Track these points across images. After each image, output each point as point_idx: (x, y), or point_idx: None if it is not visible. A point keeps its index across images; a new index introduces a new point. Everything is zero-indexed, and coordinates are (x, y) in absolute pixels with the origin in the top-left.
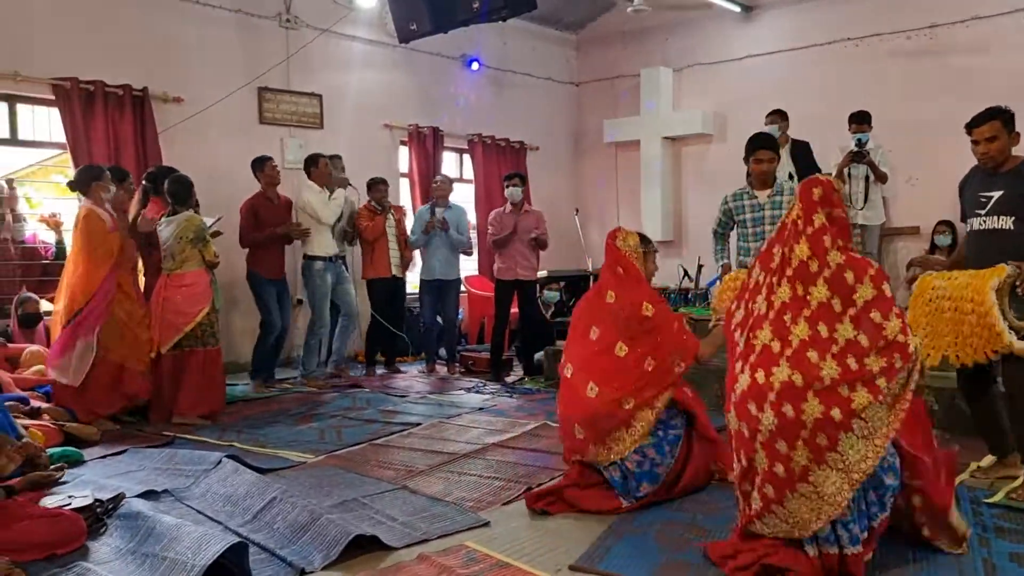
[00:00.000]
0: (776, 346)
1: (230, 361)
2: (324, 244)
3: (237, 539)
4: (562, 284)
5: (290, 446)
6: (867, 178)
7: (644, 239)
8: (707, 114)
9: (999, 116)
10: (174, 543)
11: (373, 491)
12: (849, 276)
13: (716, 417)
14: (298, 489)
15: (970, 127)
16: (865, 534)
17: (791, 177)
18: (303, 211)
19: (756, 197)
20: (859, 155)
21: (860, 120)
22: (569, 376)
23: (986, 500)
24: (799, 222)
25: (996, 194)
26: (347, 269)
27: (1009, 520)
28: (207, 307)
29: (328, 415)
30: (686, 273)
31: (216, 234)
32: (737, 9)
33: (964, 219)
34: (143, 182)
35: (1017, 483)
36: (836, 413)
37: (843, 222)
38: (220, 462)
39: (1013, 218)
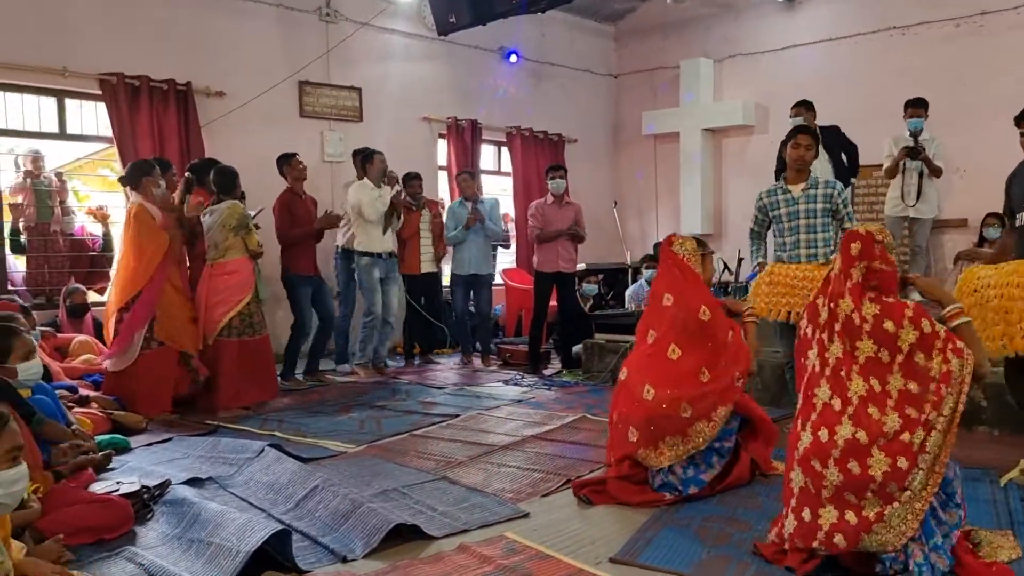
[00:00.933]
0: (837, 404)
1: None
2: (371, 240)
3: (280, 526)
4: (600, 277)
5: (330, 436)
6: (921, 173)
7: (701, 243)
8: (748, 105)
9: None
10: (219, 529)
11: (413, 481)
12: (889, 325)
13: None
14: (339, 478)
15: (1019, 120)
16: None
17: (833, 169)
18: (352, 207)
19: (790, 191)
20: (914, 151)
21: (916, 106)
22: (624, 379)
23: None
24: (841, 277)
25: None
26: (396, 269)
27: None
28: (248, 296)
29: (368, 406)
30: (726, 266)
31: (256, 226)
32: None
33: (1009, 214)
34: (187, 173)
35: None
36: (903, 462)
37: (884, 274)
38: (263, 451)
39: None
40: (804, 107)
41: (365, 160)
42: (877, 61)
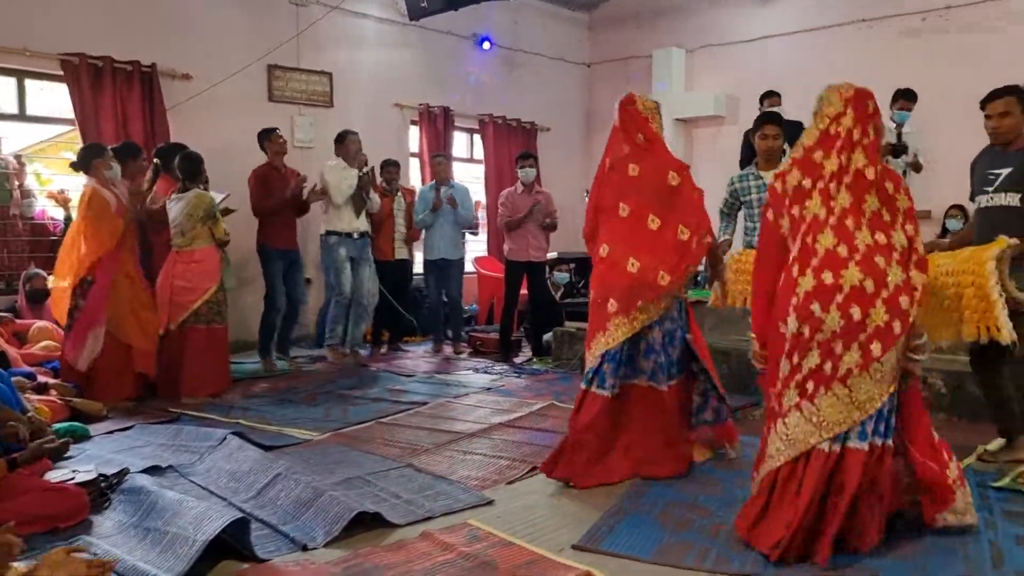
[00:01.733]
0: (843, 251)
1: (241, 340)
2: (339, 219)
3: (239, 515)
4: (572, 266)
5: (295, 424)
6: (905, 171)
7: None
8: (719, 96)
9: (1014, 93)
10: (176, 518)
11: (378, 469)
12: (889, 186)
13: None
14: (302, 466)
15: (984, 102)
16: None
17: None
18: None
19: (761, 177)
20: (898, 148)
21: (907, 98)
22: (606, 255)
23: (993, 484)
24: (854, 132)
25: (1005, 171)
26: (369, 250)
27: (1017, 503)
28: (215, 285)
29: (335, 393)
30: None
31: (227, 212)
32: None
33: (972, 198)
34: (153, 159)
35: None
36: (897, 325)
37: (881, 134)
38: (225, 439)
39: (1020, 195)
40: (776, 96)
41: (337, 139)
42: (846, 53)
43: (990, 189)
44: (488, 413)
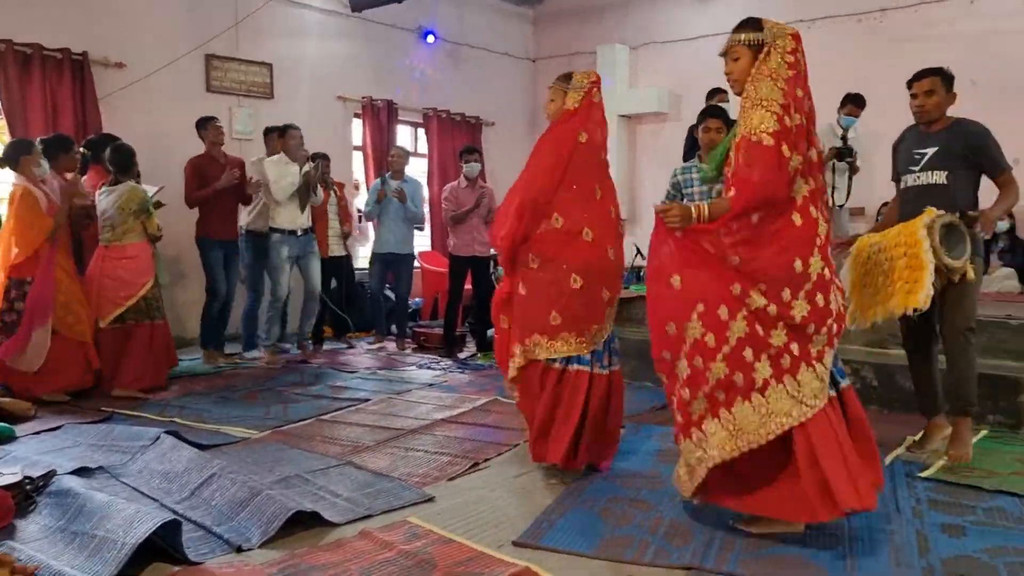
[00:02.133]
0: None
1: (177, 336)
2: (282, 217)
3: (170, 516)
4: None
5: (234, 422)
6: (849, 174)
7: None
8: (663, 92)
9: (939, 73)
10: (105, 521)
11: (317, 467)
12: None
13: None
14: (239, 465)
15: (911, 81)
16: None
17: None
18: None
19: (704, 171)
20: (844, 152)
21: (856, 103)
22: (591, 241)
23: (920, 474)
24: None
25: (930, 151)
26: (314, 245)
27: (941, 492)
28: (150, 280)
29: (275, 390)
30: (639, 251)
31: (159, 205)
32: None
33: (896, 178)
34: (82, 150)
35: (952, 447)
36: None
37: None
38: (159, 438)
39: (946, 172)
40: (723, 93)
41: (280, 134)
42: None
43: (916, 168)
44: (431, 409)
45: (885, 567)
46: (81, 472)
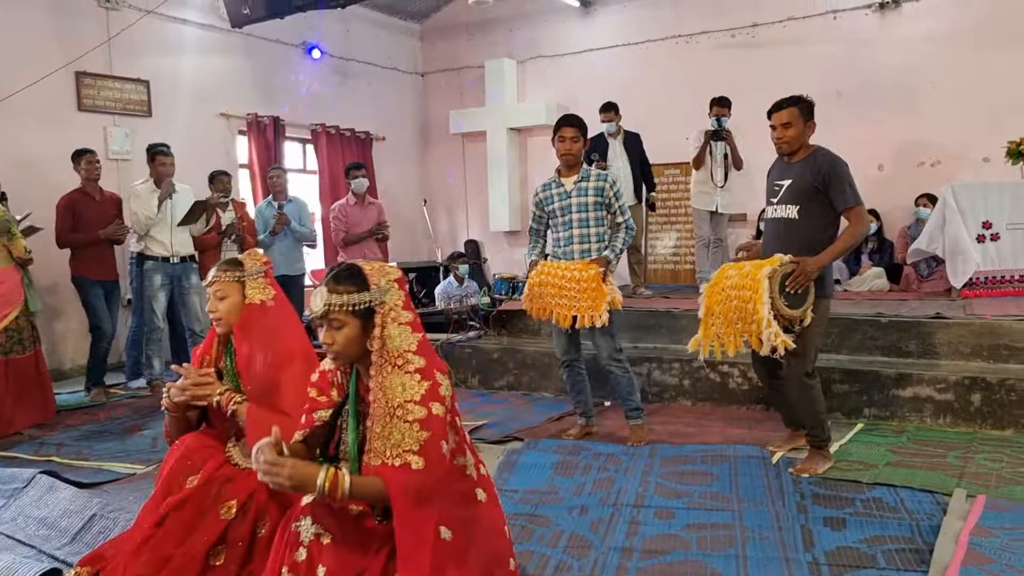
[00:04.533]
0: None
1: (52, 369)
2: (157, 244)
3: (51, 564)
4: (412, 276)
5: (117, 458)
6: (726, 157)
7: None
8: (550, 105)
9: (797, 104)
10: None
11: None
12: None
13: None
14: (123, 503)
15: (770, 112)
16: None
17: (632, 174)
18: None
19: (563, 185)
20: (717, 133)
21: (721, 104)
22: None
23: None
24: None
25: (786, 183)
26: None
27: (824, 487)
28: (16, 309)
29: (162, 422)
30: None
31: (33, 230)
32: (576, 4)
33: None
34: None
35: (802, 461)
36: None
37: None
38: (34, 479)
39: (797, 207)
40: (613, 111)
41: (151, 158)
42: (665, 67)
43: (775, 200)
44: None
45: (774, 563)
46: None
